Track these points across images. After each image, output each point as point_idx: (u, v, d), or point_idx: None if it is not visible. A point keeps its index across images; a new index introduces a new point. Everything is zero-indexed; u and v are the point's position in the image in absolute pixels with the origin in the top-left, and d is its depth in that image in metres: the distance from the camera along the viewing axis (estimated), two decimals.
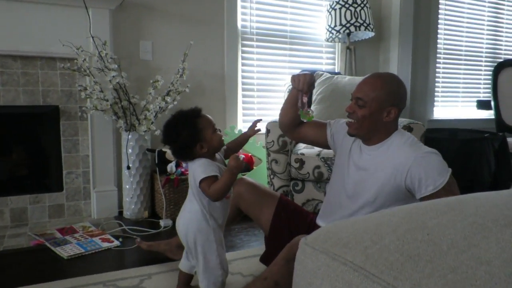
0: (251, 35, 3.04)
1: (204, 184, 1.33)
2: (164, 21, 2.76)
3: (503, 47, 4.31)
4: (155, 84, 2.49)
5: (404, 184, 1.39)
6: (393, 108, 1.41)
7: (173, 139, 1.38)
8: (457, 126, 3.80)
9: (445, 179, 1.34)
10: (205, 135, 1.37)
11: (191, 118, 1.38)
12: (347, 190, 1.53)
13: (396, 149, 1.42)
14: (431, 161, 1.36)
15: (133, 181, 2.53)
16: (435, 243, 0.59)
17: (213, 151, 1.41)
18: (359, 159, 1.51)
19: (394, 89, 1.43)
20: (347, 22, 2.95)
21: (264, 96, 3.14)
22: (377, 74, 1.49)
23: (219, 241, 1.45)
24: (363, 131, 1.46)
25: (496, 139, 2.28)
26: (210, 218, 1.40)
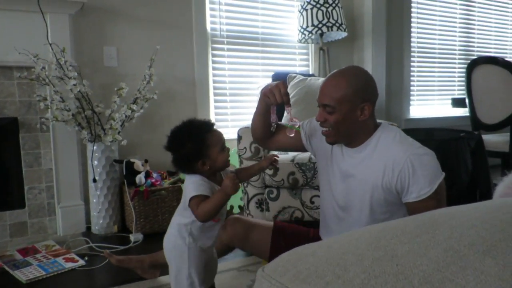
0: (221, 38, 2.95)
1: (193, 203, 1.23)
2: (129, 25, 2.64)
3: (476, 44, 4.33)
4: (120, 92, 2.37)
5: (394, 188, 1.29)
6: (365, 104, 1.28)
7: (176, 148, 1.28)
8: (433, 125, 3.79)
9: (432, 188, 1.24)
10: (210, 153, 1.26)
11: (200, 131, 1.27)
12: (339, 201, 1.42)
13: (385, 148, 1.30)
14: (423, 165, 1.25)
15: (101, 194, 2.40)
16: (405, 276, 0.51)
17: (215, 170, 1.31)
18: (343, 163, 1.39)
19: (361, 83, 1.28)
20: (319, 23, 2.89)
21: (237, 101, 3.05)
22: (338, 72, 1.32)
23: (194, 264, 1.32)
24: (342, 137, 1.34)
25: (472, 138, 2.24)
26: (188, 236, 1.30)
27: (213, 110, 2.95)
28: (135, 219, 2.36)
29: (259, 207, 2.26)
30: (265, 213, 2.24)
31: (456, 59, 4.21)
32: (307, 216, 2.24)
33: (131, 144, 2.62)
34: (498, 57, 2.69)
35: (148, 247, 2.23)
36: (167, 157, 2.67)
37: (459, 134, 2.20)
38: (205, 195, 1.23)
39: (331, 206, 1.46)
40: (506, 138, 2.67)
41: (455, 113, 3.99)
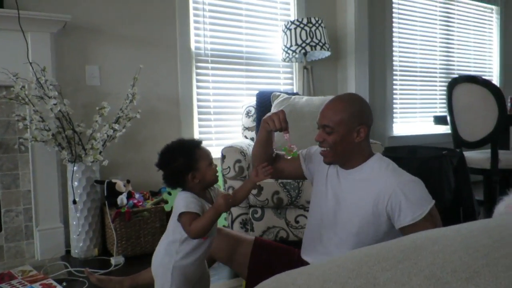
0: (205, 56, 2.95)
1: (185, 219, 1.28)
2: (112, 44, 2.62)
3: (456, 63, 4.43)
4: (102, 111, 2.33)
5: (385, 212, 1.33)
6: (361, 126, 1.38)
7: (168, 163, 1.35)
8: (417, 142, 3.84)
9: (425, 210, 1.28)
10: (199, 166, 1.33)
11: (189, 147, 1.36)
12: (327, 220, 1.45)
13: (377, 175, 1.37)
14: (413, 190, 1.32)
15: (81, 216, 2.34)
16: None
17: (205, 184, 1.37)
18: (337, 185, 1.45)
19: (358, 108, 1.40)
20: (302, 42, 2.92)
21: (221, 119, 3.04)
22: (337, 97, 1.46)
23: (179, 281, 1.33)
24: (339, 157, 1.42)
25: (454, 155, 2.26)
26: (176, 254, 1.33)
27: (197, 129, 2.93)
28: (116, 242, 2.30)
29: (243, 227, 2.23)
30: (249, 233, 2.20)
31: (437, 77, 4.29)
32: (292, 236, 2.21)
33: (113, 164, 2.57)
34: (477, 76, 2.75)
35: (129, 270, 2.17)
36: (150, 177, 2.67)
37: (442, 152, 2.22)
38: (195, 213, 1.27)
39: (318, 226, 1.49)
40: (487, 155, 2.70)
41: (438, 130, 4.04)
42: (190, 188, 1.34)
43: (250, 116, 2.83)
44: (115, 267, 2.21)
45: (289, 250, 1.65)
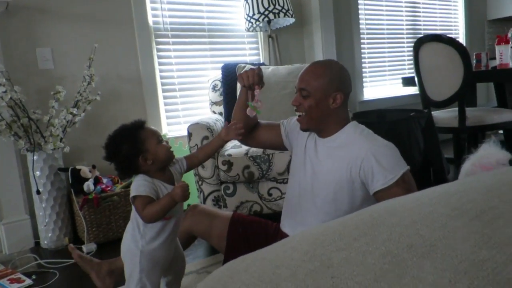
0: (165, 31, 2.82)
1: (137, 203, 1.22)
2: (63, 24, 2.46)
3: (422, 23, 4.41)
4: (57, 95, 2.21)
5: (359, 178, 1.33)
6: (338, 93, 1.37)
7: (114, 153, 1.27)
8: (387, 105, 3.84)
9: (397, 175, 1.28)
10: (148, 146, 1.25)
11: (132, 130, 1.27)
12: (305, 190, 1.45)
13: (351, 141, 1.37)
14: (385, 154, 1.31)
15: (47, 206, 2.25)
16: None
17: (160, 164, 1.28)
18: (315, 156, 1.44)
19: (336, 74, 1.39)
20: (265, 10, 2.82)
21: (187, 96, 2.95)
22: (317, 62, 1.45)
23: (147, 269, 1.29)
24: (314, 122, 1.40)
25: (422, 116, 2.26)
26: (141, 239, 1.28)
27: (163, 107, 2.83)
28: (86, 229, 2.23)
29: (216, 204, 2.19)
30: (223, 210, 2.17)
31: (404, 38, 4.27)
32: (266, 209, 2.19)
33: (77, 150, 2.47)
34: (442, 34, 2.72)
35: (102, 257, 2.11)
36: None
37: (409, 114, 2.21)
38: (147, 196, 1.21)
39: (297, 195, 1.49)
40: (455, 113, 2.72)
41: (408, 91, 4.05)
42: (147, 171, 1.27)
43: (216, 90, 2.75)
44: (87, 254, 2.14)
45: (266, 224, 1.64)
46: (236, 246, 1.58)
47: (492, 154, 1.24)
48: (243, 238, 1.59)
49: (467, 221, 0.52)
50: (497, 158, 1.22)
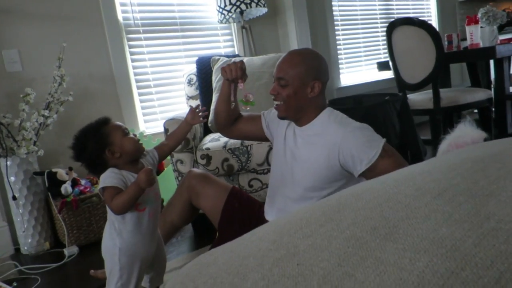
0: (136, 27, 2.77)
1: (107, 195, 1.20)
2: (29, 24, 2.39)
3: (395, 7, 4.44)
4: (26, 98, 2.15)
5: (339, 164, 1.35)
6: (316, 82, 1.38)
7: (80, 152, 1.25)
8: (364, 90, 3.87)
9: (378, 149, 1.29)
10: (113, 139, 1.24)
11: (95, 126, 1.26)
12: (286, 178, 1.47)
13: (326, 128, 1.38)
14: (359, 135, 1.33)
15: (24, 211, 2.20)
16: (304, 278, 0.46)
17: (128, 156, 1.26)
18: (294, 145, 1.46)
19: (314, 63, 1.39)
20: (237, 1, 2.79)
21: (163, 91, 2.91)
22: (294, 51, 1.45)
23: (127, 265, 1.27)
24: (291, 111, 1.41)
25: (397, 100, 2.28)
26: (117, 236, 1.26)
27: (138, 104, 2.79)
28: (67, 232, 2.19)
29: None
30: None
31: (378, 23, 4.29)
32: None
33: (52, 152, 2.42)
34: (413, 17, 2.75)
35: (85, 260, 2.10)
36: None
37: (385, 98, 2.23)
38: (116, 187, 1.20)
39: (279, 184, 1.51)
40: (430, 95, 2.76)
41: (384, 76, 4.09)
42: (116, 165, 1.25)
43: (192, 85, 2.72)
44: (69, 258, 2.12)
45: (259, 206, 1.66)
46: (230, 220, 1.60)
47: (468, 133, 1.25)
48: (238, 213, 1.61)
49: (429, 200, 0.53)
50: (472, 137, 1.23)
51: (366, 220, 0.53)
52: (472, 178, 0.57)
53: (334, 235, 0.51)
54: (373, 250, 0.46)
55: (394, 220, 0.51)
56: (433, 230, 0.46)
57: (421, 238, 0.45)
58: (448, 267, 0.39)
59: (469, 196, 0.52)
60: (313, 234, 0.53)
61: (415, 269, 0.40)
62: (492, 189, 0.52)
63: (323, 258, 0.48)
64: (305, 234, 0.54)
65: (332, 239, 0.51)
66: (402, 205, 0.54)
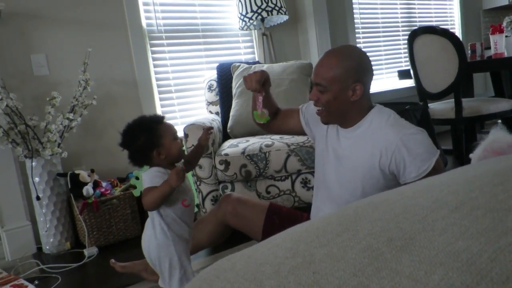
0: (159, 33, 2.83)
1: (144, 193, 1.29)
2: (57, 29, 2.47)
3: (417, 15, 4.40)
4: (52, 101, 2.22)
5: (388, 170, 1.29)
6: (357, 84, 1.28)
7: (130, 142, 1.32)
8: (385, 98, 3.84)
9: (430, 165, 1.24)
10: (163, 142, 1.31)
11: (151, 123, 1.33)
12: (330, 179, 1.42)
13: (377, 131, 1.30)
14: (416, 143, 1.26)
15: (47, 211, 2.26)
16: (320, 286, 0.47)
17: (171, 159, 1.35)
18: (337, 145, 1.40)
19: (353, 63, 1.29)
20: (258, 8, 2.82)
21: (184, 97, 2.95)
22: (331, 51, 1.35)
23: (182, 253, 1.36)
24: (334, 116, 1.35)
25: (417, 109, 2.27)
26: (168, 230, 1.33)
27: (159, 108, 2.84)
28: (87, 233, 2.24)
29: (215, 203, 2.20)
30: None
31: (400, 31, 4.26)
32: None
33: (76, 155, 2.48)
34: (436, 26, 2.72)
35: (104, 261, 2.14)
36: (116, 164, 2.60)
37: (404, 107, 2.21)
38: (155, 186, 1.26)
39: (324, 189, 1.47)
40: (452, 105, 2.72)
41: (404, 84, 4.05)
42: (157, 165, 1.32)
43: (212, 90, 2.76)
44: (88, 258, 2.16)
45: (301, 215, 1.67)
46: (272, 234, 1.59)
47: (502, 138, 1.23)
48: (280, 228, 1.60)
49: (447, 213, 0.53)
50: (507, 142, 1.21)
51: (383, 231, 0.53)
52: (491, 192, 0.57)
53: (350, 245, 0.52)
54: (389, 261, 0.46)
55: (410, 232, 0.51)
56: (449, 243, 0.47)
57: (437, 251, 0.45)
58: (463, 281, 0.40)
59: (487, 210, 0.52)
60: (329, 243, 0.54)
61: (430, 282, 0.41)
62: (511, 204, 0.52)
63: (338, 268, 0.48)
64: (322, 243, 0.55)
65: (348, 249, 0.51)
66: (419, 217, 0.54)
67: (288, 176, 2.17)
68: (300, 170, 2.15)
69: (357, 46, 1.48)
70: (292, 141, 2.16)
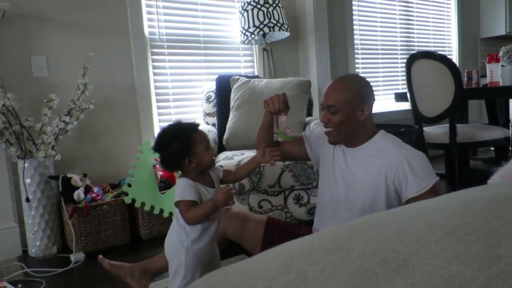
0: (161, 42, 2.85)
1: (181, 207, 1.30)
2: (59, 32, 2.48)
3: (416, 39, 4.47)
4: (50, 103, 2.22)
5: (392, 186, 1.38)
6: (365, 105, 1.43)
7: (164, 147, 1.33)
8: (381, 120, 3.87)
9: (429, 184, 1.34)
10: (196, 150, 1.32)
11: (186, 131, 1.33)
12: (338, 199, 1.49)
13: (383, 151, 1.41)
14: (419, 164, 1.37)
15: (36, 214, 2.24)
16: None
17: (202, 168, 1.36)
18: (345, 166, 1.48)
19: (360, 87, 1.45)
20: (260, 23, 2.86)
21: (181, 106, 2.96)
22: (339, 78, 1.49)
23: (192, 264, 1.34)
24: (343, 136, 1.46)
25: (413, 132, 2.29)
26: (186, 238, 1.34)
27: (156, 117, 2.84)
28: (75, 238, 2.22)
29: None
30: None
31: (398, 54, 4.32)
32: None
33: (69, 158, 2.47)
34: (434, 51, 2.77)
35: (90, 267, 2.11)
36: (109, 169, 2.59)
37: (400, 129, 2.23)
38: (192, 200, 1.28)
39: (330, 208, 1.53)
40: (446, 129, 2.75)
41: (401, 107, 4.09)
42: (187, 172, 1.34)
43: (210, 102, 2.77)
44: (74, 264, 2.13)
45: (299, 228, 1.71)
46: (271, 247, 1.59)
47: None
48: (279, 240, 1.61)
49: (441, 236, 0.53)
50: None
51: (376, 251, 0.53)
52: (485, 218, 0.58)
53: (344, 264, 0.52)
54: (382, 282, 0.47)
55: (404, 254, 0.51)
56: (442, 267, 0.47)
57: (430, 274, 0.46)
58: None
59: (481, 236, 0.52)
60: (323, 261, 0.54)
61: None
62: (504, 231, 0.52)
63: (331, 286, 0.48)
64: (315, 261, 0.55)
65: (341, 267, 0.51)
66: (413, 239, 0.55)
67: (281, 191, 2.17)
68: (294, 186, 2.15)
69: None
70: None
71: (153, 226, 2.46)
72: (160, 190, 2.41)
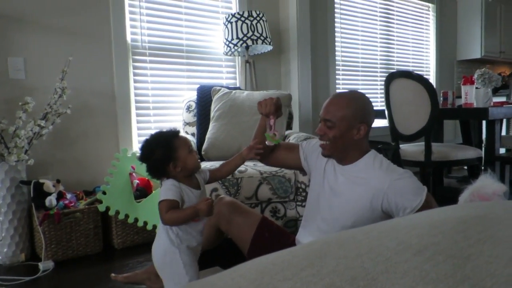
0: (143, 49, 2.83)
1: (162, 206, 1.32)
2: (39, 34, 2.44)
3: (395, 58, 4.58)
4: (25, 106, 2.17)
5: (381, 209, 1.39)
6: (362, 125, 1.42)
7: (148, 156, 1.37)
8: None
9: (422, 198, 1.35)
10: (179, 154, 1.36)
11: (167, 137, 1.38)
12: (323, 214, 1.50)
13: (371, 173, 1.42)
14: (405, 183, 1.37)
15: (4, 219, 2.17)
16: None
17: (187, 172, 1.40)
18: (334, 181, 1.49)
19: (360, 106, 1.43)
20: (243, 36, 2.88)
21: (161, 114, 2.94)
22: (342, 93, 1.49)
23: (189, 260, 1.39)
24: (337, 151, 1.45)
25: (389, 149, 2.33)
26: (176, 238, 1.37)
27: (135, 124, 2.81)
28: (44, 246, 2.15)
29: None
30: None
31: (378, 72, 4.41)
32: None
33: (42, 163, 2.41)
34: (412, 71, 2.83)
35: (60, 276, 2.05)
36: (84, 176, 2.54)
37: (377, 145, 2.27)
38: (172, 200, 1.31)
39: (314, 218, 1.54)
40: (422, 147, 2.81)
41: (379, 124, 4.15)
42: (174, 177, 1.37)
43: (190, 111, 2.76)
44: (43, 272, 2.07)
45: (288, 236, 1.70)
46: (259, 250, 1.60)
47: (489, 185, 1.30)
48: (268, 243, 1.62)
49: (410, 256, 0.54)
50: (493, 189, 1.28)
51: (347, 269, 0.53)
52: (453, 238, 0.59)
53: (314, 281, 0.52)
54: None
55: (373, 273, 0.52)
56: (410, 287, 0.47)
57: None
58: None
59: (448, 256, 0.53)
60: (293, 278, 0.54)
61: None
62: (470, 252, 0.53)
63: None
64: (286, 277, 0.54)
65: (311, 284, 0.51)
66: (383, 258, 0.55)
67: (258, 203, 2.17)
68: (271, 199, 2.16)
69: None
70: (266, 169, 2.16)
71: (126, 235, 2.42)
72: (136, 199, 2.37)
